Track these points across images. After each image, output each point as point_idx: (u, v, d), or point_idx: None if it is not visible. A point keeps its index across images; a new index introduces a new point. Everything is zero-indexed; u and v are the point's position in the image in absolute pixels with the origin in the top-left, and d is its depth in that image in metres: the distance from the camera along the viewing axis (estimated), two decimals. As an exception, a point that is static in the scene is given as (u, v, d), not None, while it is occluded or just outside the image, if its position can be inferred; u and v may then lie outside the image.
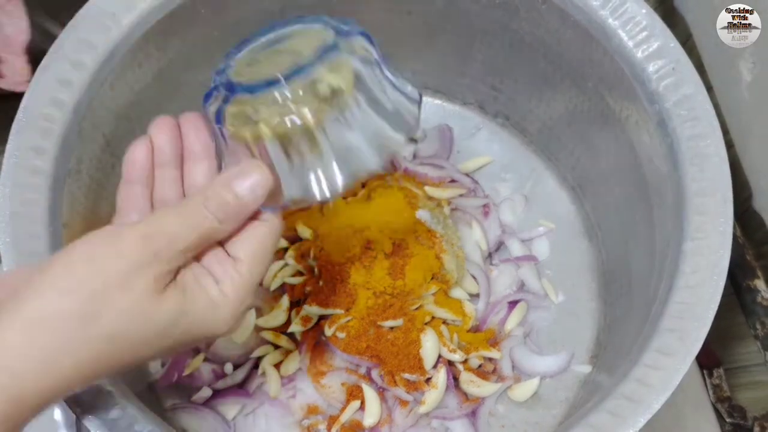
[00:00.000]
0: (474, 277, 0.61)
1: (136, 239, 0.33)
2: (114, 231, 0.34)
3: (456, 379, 0.58)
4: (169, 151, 0.38)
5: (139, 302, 0.32)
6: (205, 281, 0.35)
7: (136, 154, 0.38)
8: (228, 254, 0.36)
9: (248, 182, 0.35)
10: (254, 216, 0.37)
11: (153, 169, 0.38)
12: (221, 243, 0.37)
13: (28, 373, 0.31)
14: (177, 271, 0.34)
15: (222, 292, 0.35)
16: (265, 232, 0.37)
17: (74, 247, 0.33)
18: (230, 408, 0.57)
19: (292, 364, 0.58)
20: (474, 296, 0.61)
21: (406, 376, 0.56)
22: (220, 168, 0.39)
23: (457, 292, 0.59)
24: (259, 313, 0.59)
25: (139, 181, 0.38)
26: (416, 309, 0.58)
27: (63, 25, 0.50)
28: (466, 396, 0.57)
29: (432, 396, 0.55)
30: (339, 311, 0.57)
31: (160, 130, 0.38)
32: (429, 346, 0.56)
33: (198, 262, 0.36)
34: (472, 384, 0.57)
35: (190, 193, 0.39)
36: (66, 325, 0.31)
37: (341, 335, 0.56)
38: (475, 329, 0.60)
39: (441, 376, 0.56)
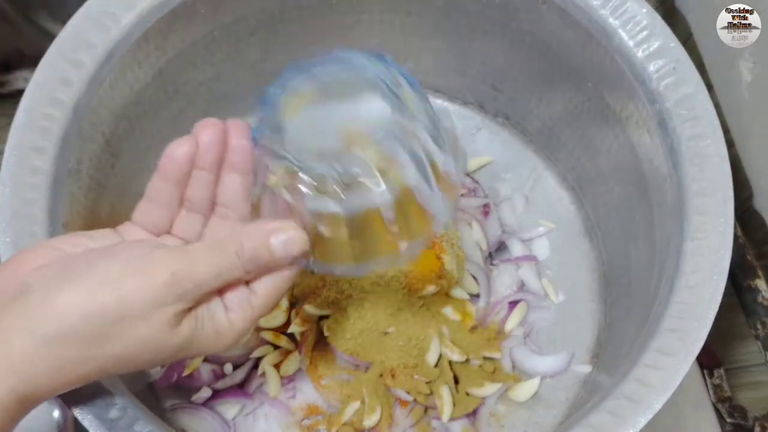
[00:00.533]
0: (474, 277, 0.61)
1: (165, 276, 0.33)
2: (145, 257, 0.34)
3: (457, 379, 0.58)
4: (211, 155, 0.38)
5: (155, 333, 0.33)
6: (215, 307, 0.36)
7: (178, 152, 0.38)
8: (246, 283, 0.37)
9: (285, 241, 0.35)
10: None
11: (190, 168, 0.38)
12: None
13: (38, 378, 0.32)
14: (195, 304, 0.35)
15: (230, 320, 0.36)
16: (286, 272, 0.37)
17: (100, 267, 0.33)
18: (230, 408, 0.57)
19: (292, 364, 0.58)
20: (474, 296, 0.61)
21: (408, 375, 0.56)
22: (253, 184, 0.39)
23: (457, 292, 0.59)
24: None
25: (173, 179, 0.38)
26: (417, 309, 0.58)
27: (63, 24, 0.50)
28: (466, 395, 0.57)
29: (447, 406, 0.56)
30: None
31: (208, 132, 0.38)
32: (431, 345, 0.56)
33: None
34: (472, 384, 0.57)
35: (221, 202, 0.39)
36: (81, 344, 0.32)
37: (342, 334, 0.56)
38: (476, 329, 0.60)
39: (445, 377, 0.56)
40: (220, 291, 0.36)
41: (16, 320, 0.32)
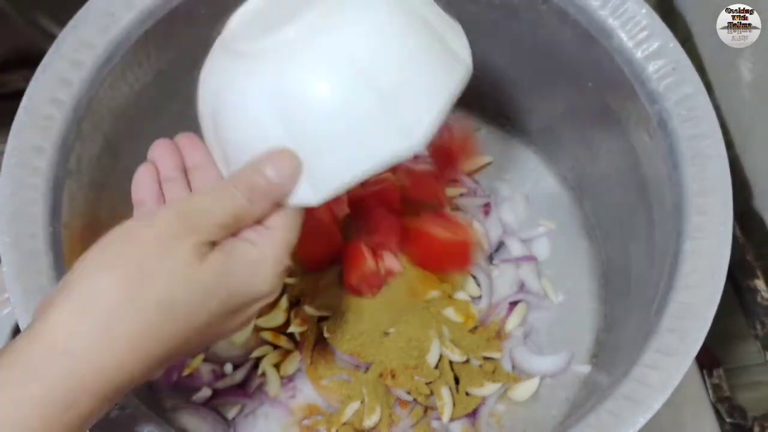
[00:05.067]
0: (474, 277, 0.61)
1: (170, 215, 0.34)
2: (148, 212, 0.36)
3: (457, 379, 0.58)
4: (173, 165, 0.40)
5: (180, 268, 0.33)
6: (243, 245, 0.36)
7: (142, 176, 0.40)
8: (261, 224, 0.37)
9: (274, 162, 0.36)
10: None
11: (160, 186, 0.39)
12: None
13: (84, 351, 0.30)
14: (216, 243, 0.35)
15: (260, 251, 0.36)
16: (293, 210, 0.37)
17: (110, 232, 0.34)
18: (230, 408, 0.57)
19: (292, 364, 0.58)
20: (475, 298, 0.61)
21: (408, 376, 0.56)
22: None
23: (460, 295, 0.59)
24: (259, 312, 0.59)
25: (150, 200, 0.39)
26: (417, 309, 0.58)
27: (63, 24, 0.50)
28: (467, 395, 0.57)
29: (447, 407, 0.56)
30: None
31: (160, 150, 0.40)
32: (431, 346, 0.56)
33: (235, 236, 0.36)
34: (472, 384, 0.57)
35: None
36: (113, 299, 0.31)
37: (342, 335, 0.56)
38: (476, 329, 0.60)
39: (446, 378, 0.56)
40: (237, 232, 0.36)
41: (55, 306, 0.31)
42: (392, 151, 0.35)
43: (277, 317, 0.58)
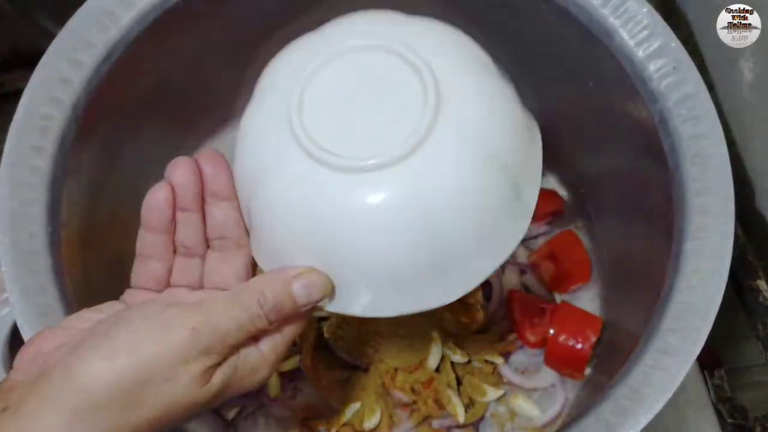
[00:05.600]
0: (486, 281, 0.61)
1: (184, 333, 0.32)
2: (161, 316, 0.32)
3: (459, 380, 0.57)
4: (190, 192, 0.37)
5: (184, 393, 0.32)
6: (248, 353, 0.35)
7: (156, 200, 0.36)
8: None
9: (307, 286, 0.34)
10: None
11: (173, 214, 0.37)
12: None
13: None
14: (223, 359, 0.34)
15: (263, 356, 0.35)
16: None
17: (118, 333, 0.32)
18: (230, 409, 0.57)
19: (292, 364, 0.58)
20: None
21: (408, 377, 0.56)
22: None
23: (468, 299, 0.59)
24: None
25: (159, 229, 0.37)
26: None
27: (62, 24, 0.50)
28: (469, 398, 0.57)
29: (459, 407, 0.55)
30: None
31: (179, 171, 0.37)
32: (432, 347, 0.56)
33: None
34: (475, 392, 0.57)
35: (214, 235, 0.38)
36: (109, 413, 0.31)
37: (342, 335, 0.56)
38: (479, 331, 0.60)
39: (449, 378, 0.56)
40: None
41: (42, 398, 0.30)
42: (426, 305, 0.34)
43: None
